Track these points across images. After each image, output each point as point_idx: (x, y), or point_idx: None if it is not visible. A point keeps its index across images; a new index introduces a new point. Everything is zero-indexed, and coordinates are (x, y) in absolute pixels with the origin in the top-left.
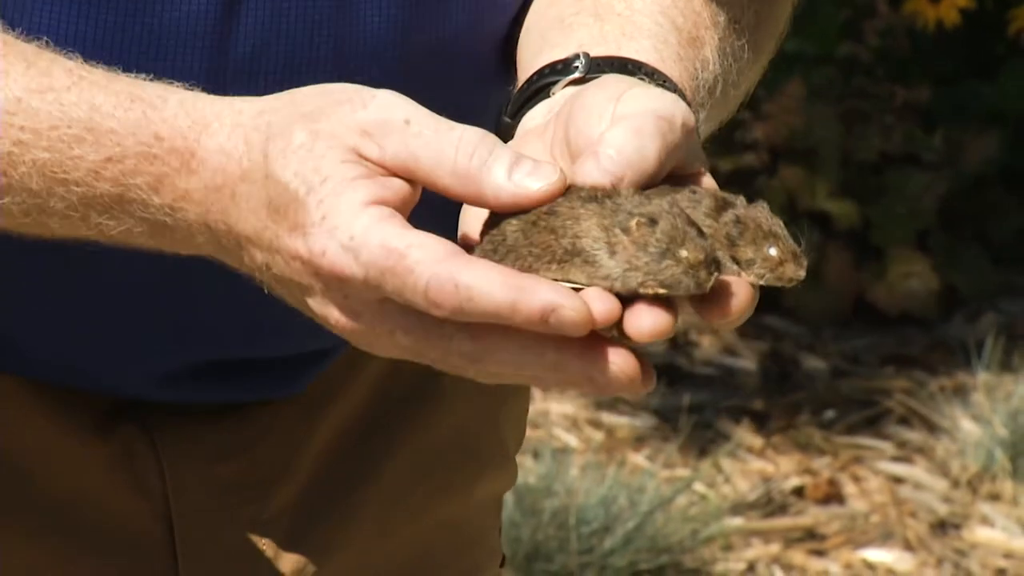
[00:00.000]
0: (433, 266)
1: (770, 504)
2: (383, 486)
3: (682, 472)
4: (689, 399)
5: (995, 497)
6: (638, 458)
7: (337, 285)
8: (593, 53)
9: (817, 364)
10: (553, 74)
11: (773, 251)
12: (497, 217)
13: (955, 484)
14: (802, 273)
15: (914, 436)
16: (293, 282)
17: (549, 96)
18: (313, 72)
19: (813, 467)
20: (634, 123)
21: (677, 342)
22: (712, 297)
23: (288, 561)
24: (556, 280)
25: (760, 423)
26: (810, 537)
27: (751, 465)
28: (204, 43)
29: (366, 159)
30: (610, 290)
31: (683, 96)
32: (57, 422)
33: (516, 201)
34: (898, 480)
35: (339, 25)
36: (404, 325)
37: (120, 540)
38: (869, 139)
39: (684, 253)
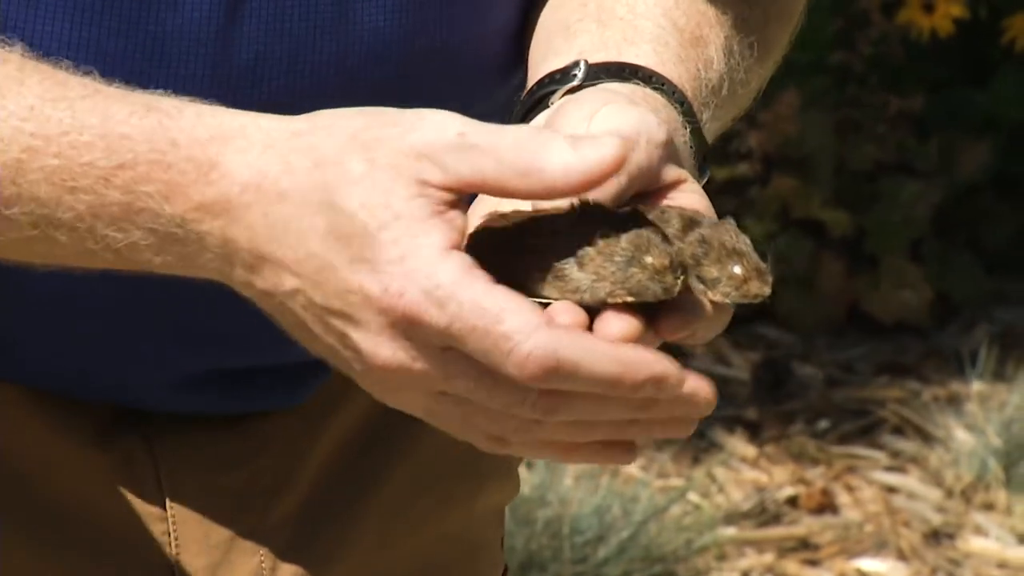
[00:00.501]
0: (533, 337)
1: (764, 514)
2: (384, 498)
3: (676, 482)
4: None
5: (989, 507)
6: (631, 468)
7: (405, 326)
8: (592, 60)
9: (810, 373)
10: (553, 83)
11: (737, 269)
12: (479, 240)
13: (949, 494)
14: (767, 290)
15: (908, 446)
16: (336, 312)
17: (548, 106)
18: (316, 74)
19: (807, 477)
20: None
21: (670, 352)
22: (675, 309)
23: (288, 572)
24: (530, 297)
25: (753, 432)
26: (804, 547)
27: (745, 475)
28: (208, 49)
29: (429, 184)
30: (579, 302)
31: (682, 97)
32: (57, 430)
33: (588, 176)
34: (892, 490)
35: (341, 25)
36: (468, 374)
37: (120, 549)
38: (863, 148)
39: (649, 260)
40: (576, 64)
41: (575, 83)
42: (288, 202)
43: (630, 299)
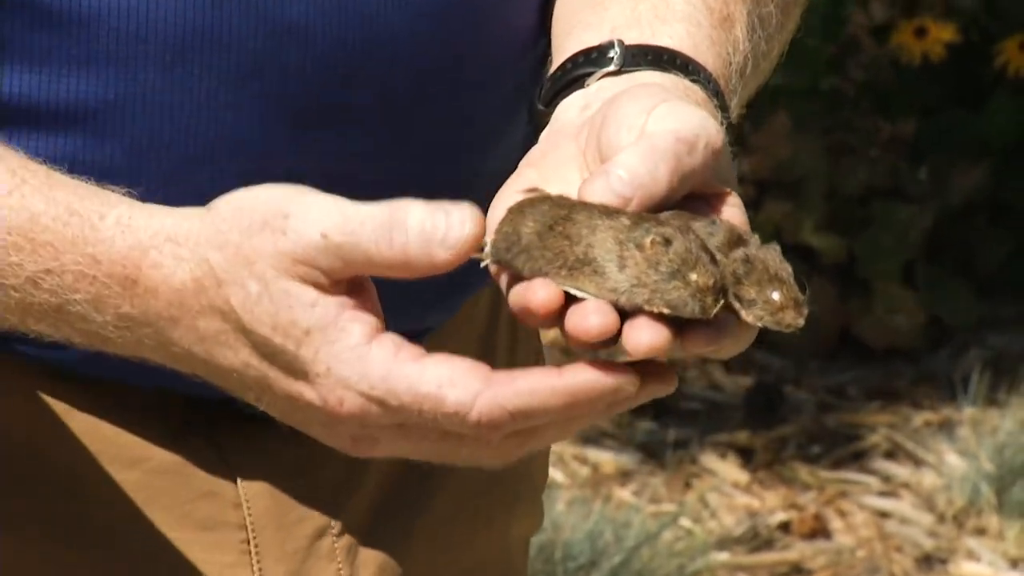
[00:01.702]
0: (476, 405)
1: (756, 539)
2: (435, 514)
3: (668, 507)
4: (674, 434)
5: (981, 532)
6: (624, 493)
7: (357, 421)
8: (627, 40)
9: (803, 398)
10: (588, 64)
11: (776, 295)
12: (515, 216)
13: (941, 519)
14: (801, 321)
15: (900, 470)
16: (293, 415)
17: (584, 86)
18: (364, 33)
19: (799, 502)
20: (650, 144)
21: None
22: (705, 325)
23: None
24: (563, 286)
25: (746, 458)
26: (796, 572)
27: (737, 500)
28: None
29: (319, 284)
30: (615, 303)
31: (717, 87)
32: (131, 430)
33: (451, 264)
34: (884, 515)
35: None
36: (430, 437)
37: (197, 555)
38: (855, 172)
39: (694, 277)
40: (611, 45)
41: (613, 67)
42: (210, 317)
43: (666, 311)
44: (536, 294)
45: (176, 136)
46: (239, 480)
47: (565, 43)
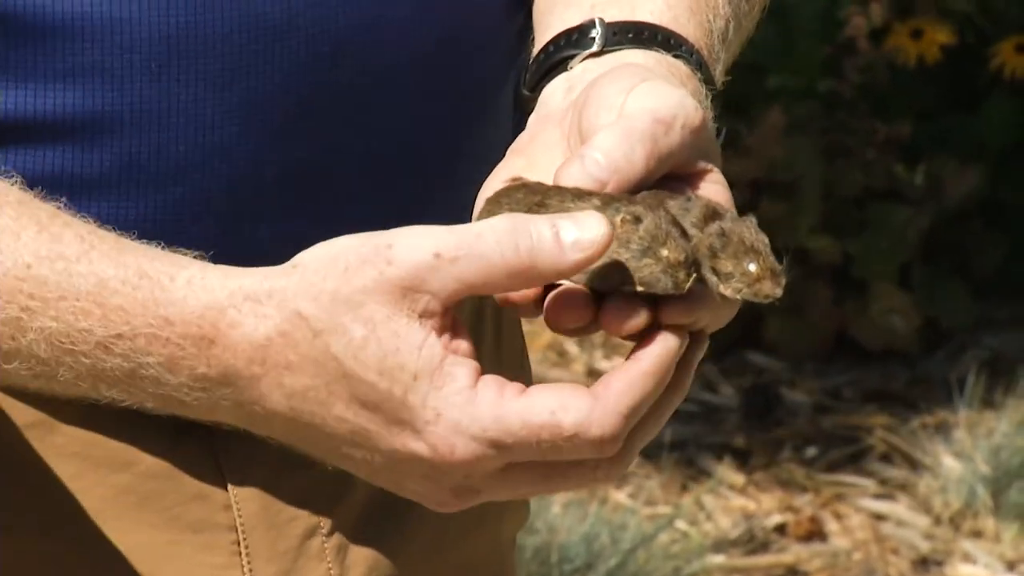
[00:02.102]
0: (594, 418)
1: (752, 541)
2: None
3: (664, 509)
4: (670, 436)
5: (977, 534)
6: (620, 495)
7: (464, 471)
8: (608, 18)
9: (799, 400)
10: (570, 45)
11: (752, 267)
12: (491, 206)
13: (937, 521)
14: (779, 291)
15: (896, 473)
16: (388, 472)
17: (567, 69)
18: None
19: (795, 504)
20: (626, 126)
21: None
22: (681, 297)
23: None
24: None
25: (742, 460)
26: (792, 574)
27: (733, 502)
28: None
29: (427, 316)
30: (587, 284)
31: (700, 59)
32: (130, 437)
33: (581, 265)
34: (880, 517)
35: None
36: (534, 476)
37: (188, 557)
38: (851, 174)
39: (665, 252)
40: (592, 24)
41: (595, 48)
42: (301, 373)
43: (640, 289)
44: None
45: (165, 144)
46: (229, 482)
47: (546, 22)
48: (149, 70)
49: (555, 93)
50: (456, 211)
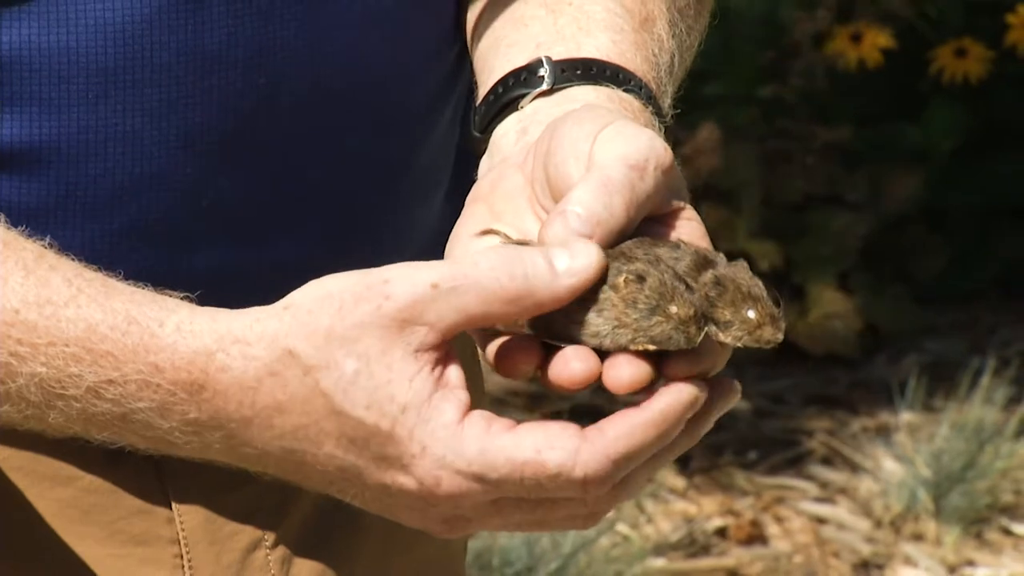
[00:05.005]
0: (580, 459)
1: (693, 545)
2: (375, 523)
3: None
4: None
5: (918, 537)
6: None
7: (452, 503)
8: (555, 56)
9: (740, 404)
10: (519, 85)
11: (752, 314)
12: None
13: (878, 524)
14: (780, 336)
15: (837, 476)
16: (380, 502)
17: (518, 109)
18: (283, 57)
19: (736, 508)
20: (602, 177)
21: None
22: (686, 352)
23: None
24: (544, 339)
25: (683, 464)
26: None
27: (674, 506)
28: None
29: (422, 350)
30: (599, 348)
31: (649, 92)
32: (68, 452)
33: (576, 290)
34: (821, 520)
35: (308, 16)
36: (524, 509)
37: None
38: (791, 179)
39: (674, 309)
40: (539, 62)
41: (545, 87)
42: (290, 413)
43: (651, 348)
44: (515, 351)
45: (102, 173)
46: (172, 496)
47: (491, 63)
48: (86, 99)
49: (507, 134)
50: (390, 240)
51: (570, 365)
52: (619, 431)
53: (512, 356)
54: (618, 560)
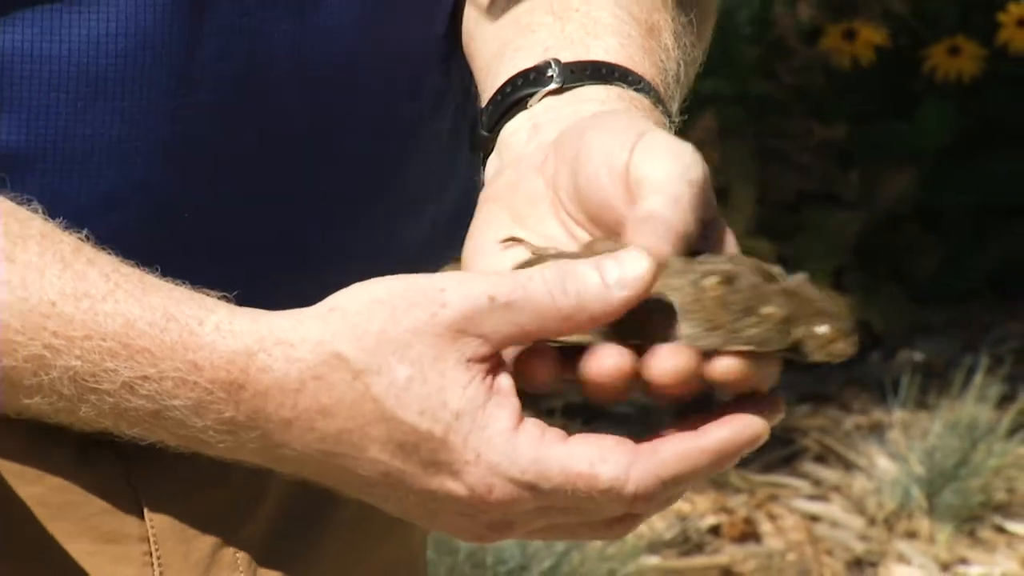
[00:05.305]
0: (631, 477)
1: (686, 543)
2: (340, 522)
3: None
4: None
5: (912, 535)
6: None
7: (502, 511)
8: (563, 59)
9: None
10: (527, 85)
11: (825, 329)
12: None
13: (871, 522)
14: (852, 350)
15: (830, 474)
16: (421, 509)
17: (527, 107)
18: (273, 69)
19: (729, 505)
20: (672, 193)
21: None
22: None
23: None
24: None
25: None
26: (727, 575)
27: None
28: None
29: (475, 360)
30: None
31: (658, 95)
32: (34, 453)
33: (629, 302)
34: (814, 518)
35: (298, 29)
36: (569, 518)
37: (101, 570)
38: (785, 177)
39: (768, 310)
40: (548, 64)
41: (555, 85)
42: (335, 417)
43: (744, 348)
44: (604, 360)
45: (86, 181)
46: (141, 495)
47: (496, 67)
48: (75, 109)
49: (517, 132)
50: (373, 254)
51: (667, 361)
52: (673, 453)
53: (531, 364)
54: (611, 558)
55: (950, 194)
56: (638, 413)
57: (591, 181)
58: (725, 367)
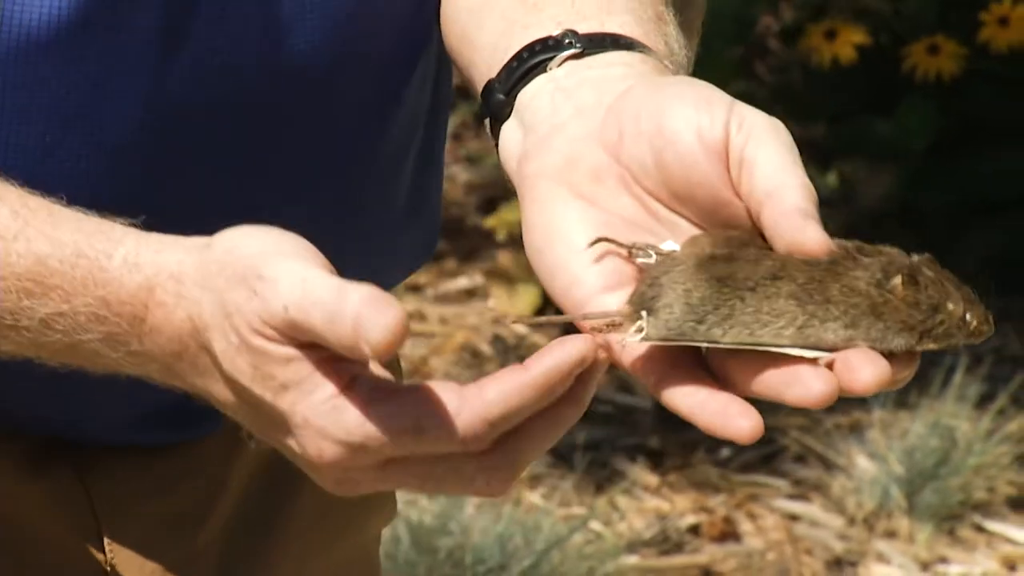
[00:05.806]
0: (456, 422)
1: (666, 542)
2: (295, 523)
3: (578, 510)
4: (585, 437)
5: (891, 534)
6: (534, 496)
7: (339, 470)
8: (580, 30)
9: None
10: (546, 50)
11: (968, 315)
12: (701, 281)
13: (851, 522)
14: (992, 330)
15: (810, 474)
16: (283, 452)
17: (546, 71)
18: (248, 83)
19: (709, 505)
20: (795, 185)
21: None
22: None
23: None
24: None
25: (656, 461)
26: (706, 575)
27: (647, 503)
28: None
29: (291, 344)
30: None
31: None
32: None
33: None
34: (794, 518)
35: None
36: (417, 474)
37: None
38: None
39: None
40: (565, 34)
41: (577, 50)
42: (205, 355)
43: (933, 347)
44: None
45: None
46: (96, 503)
47: (505, 43)
48: (44, 143)
49: (538, 95)
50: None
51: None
52: (499, 391)
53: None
54: (591, 557)
55: (931, 193)
56: (618, 412)
57: (683, 159)
58: (860, 361)
